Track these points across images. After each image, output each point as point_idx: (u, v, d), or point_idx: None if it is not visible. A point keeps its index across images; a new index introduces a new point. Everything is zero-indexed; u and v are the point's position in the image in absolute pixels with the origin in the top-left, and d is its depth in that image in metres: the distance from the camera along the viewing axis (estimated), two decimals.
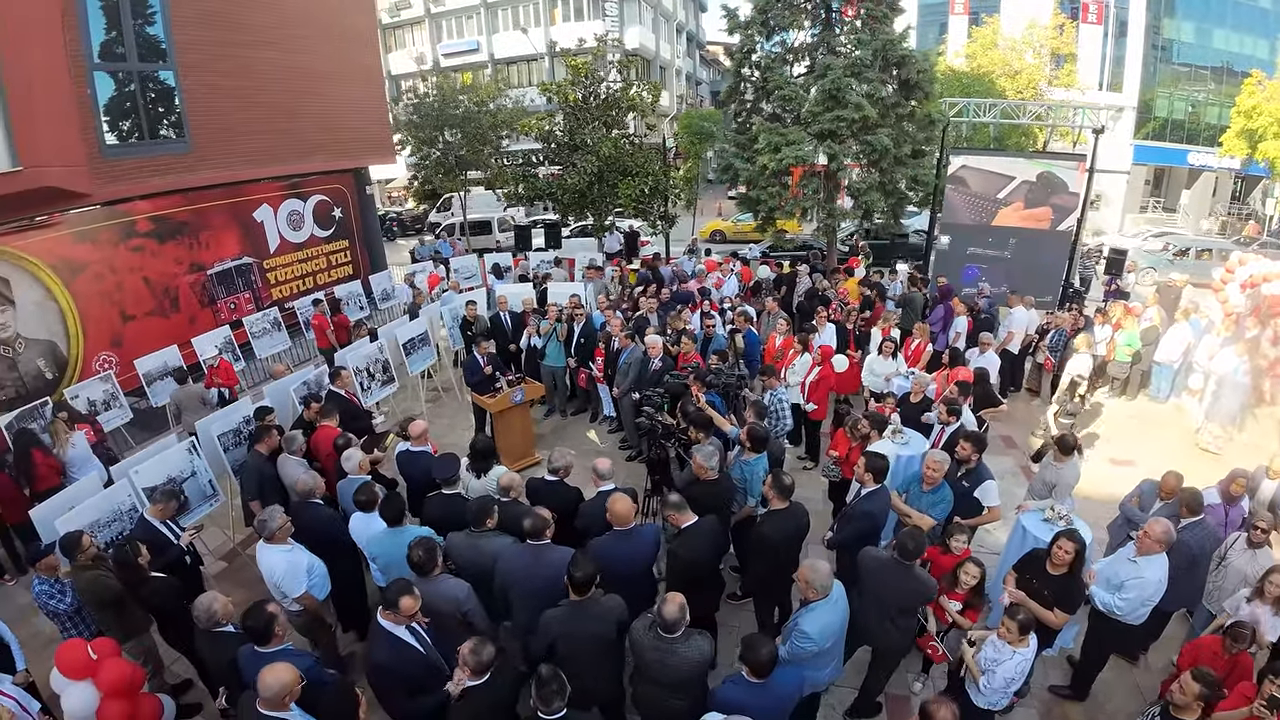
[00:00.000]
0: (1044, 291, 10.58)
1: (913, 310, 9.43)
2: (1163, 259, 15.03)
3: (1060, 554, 3.87)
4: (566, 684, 3.17)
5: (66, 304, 8.94)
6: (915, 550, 3.82)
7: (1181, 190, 28.17)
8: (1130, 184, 25.88)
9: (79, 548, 4.57)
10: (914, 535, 3.92)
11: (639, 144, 13.55)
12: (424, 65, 26.95)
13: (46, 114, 7.05)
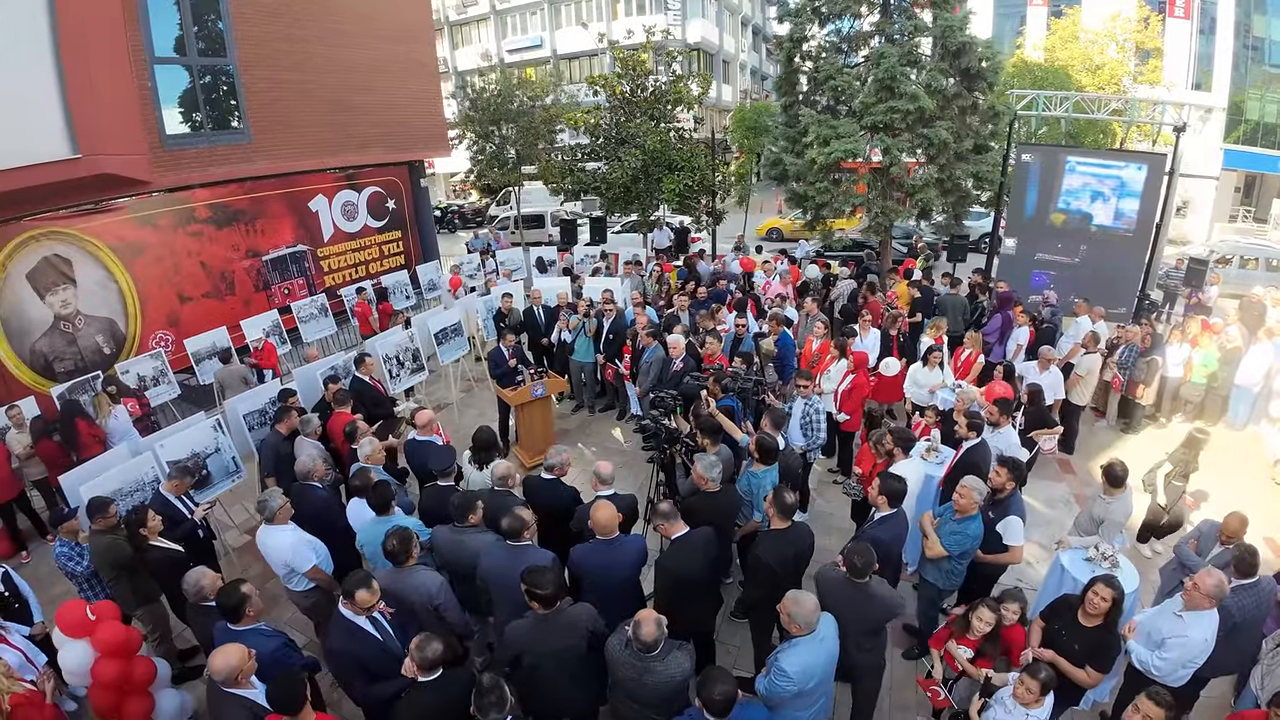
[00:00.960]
0: (1118, 303, 9.58)
1: (955, 316, 8.69)
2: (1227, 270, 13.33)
3: (1095, 601, 3.35)
4: (508, 695, 3.00)
5: (126, 284, 9.50)
6: (863, 567, 3.46)
7: (1273, 199, 25.40)
8: (1219, 190, 23.49)
9: (104, 512, 4.77)
10: (861, 551, 3.53)
11: (688, 138, 13.19)
12: (489, 61, 27.49)
13: (107, 106, 7.43)
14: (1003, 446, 5.27)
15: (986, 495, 4.32)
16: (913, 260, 11.27)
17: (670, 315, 9.31)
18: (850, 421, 6.95)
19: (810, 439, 6.08)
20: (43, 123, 6.67)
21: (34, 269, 8.34)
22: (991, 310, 8.65)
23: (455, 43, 30.02)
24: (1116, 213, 9.83)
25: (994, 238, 10.86)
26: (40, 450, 6.53)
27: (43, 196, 7.46)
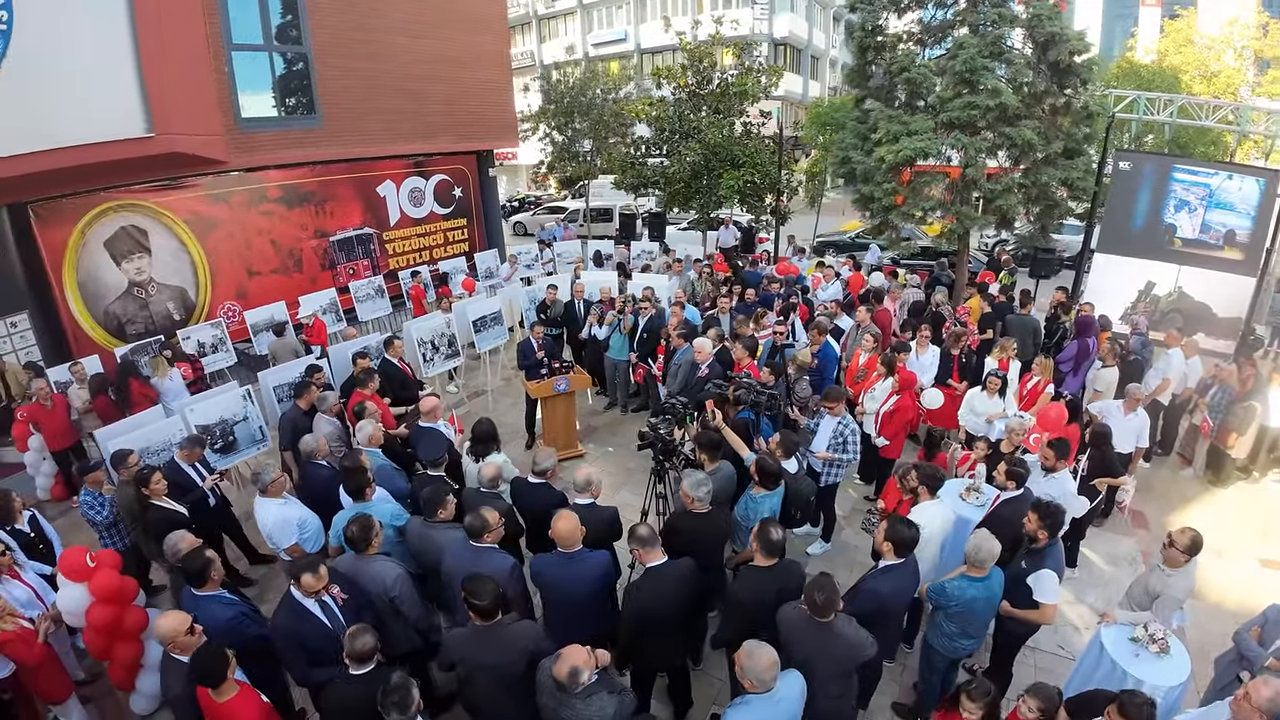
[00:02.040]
0: (1219, 336, 8.26)
1: (1026, 338, 7.74)
2: None
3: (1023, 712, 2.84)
4: (411, 696, 2.84)
5: (198, 256, 10.16)
6: (824, 604, 3.07)
7: None
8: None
9: (124, 464, 5.06)
10: (822, 585, 3.11)
11: (755, 133, 12.62)
12: (573, 55, 27.80)
13: (182, 89, 7.90)
14: (1054, 493, 4.56)
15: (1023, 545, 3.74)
16: (991, 274, 10.20)
17: (710, 317, 8.94)
18: (890, 447, 6.34)
19: (840, 460, 5.56)
20: (120, 103, 7.14)
21: (111, 237, 9.07)
22: (1070, 335, 7.65)
23: (543, 36, 30.59)
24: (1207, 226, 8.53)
25: (1083, 253, 9.65)
26: (96, 405, 7.01)
27: (120, 171, 8.03)
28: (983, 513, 4.70)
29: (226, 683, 3.11)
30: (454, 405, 9.44)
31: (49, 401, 6.64)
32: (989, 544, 3.58)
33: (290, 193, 11.33)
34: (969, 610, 3.68)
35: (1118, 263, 9.12)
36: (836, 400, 5.61)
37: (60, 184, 7.73)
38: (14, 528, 4.67)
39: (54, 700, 4.05)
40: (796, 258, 12.80)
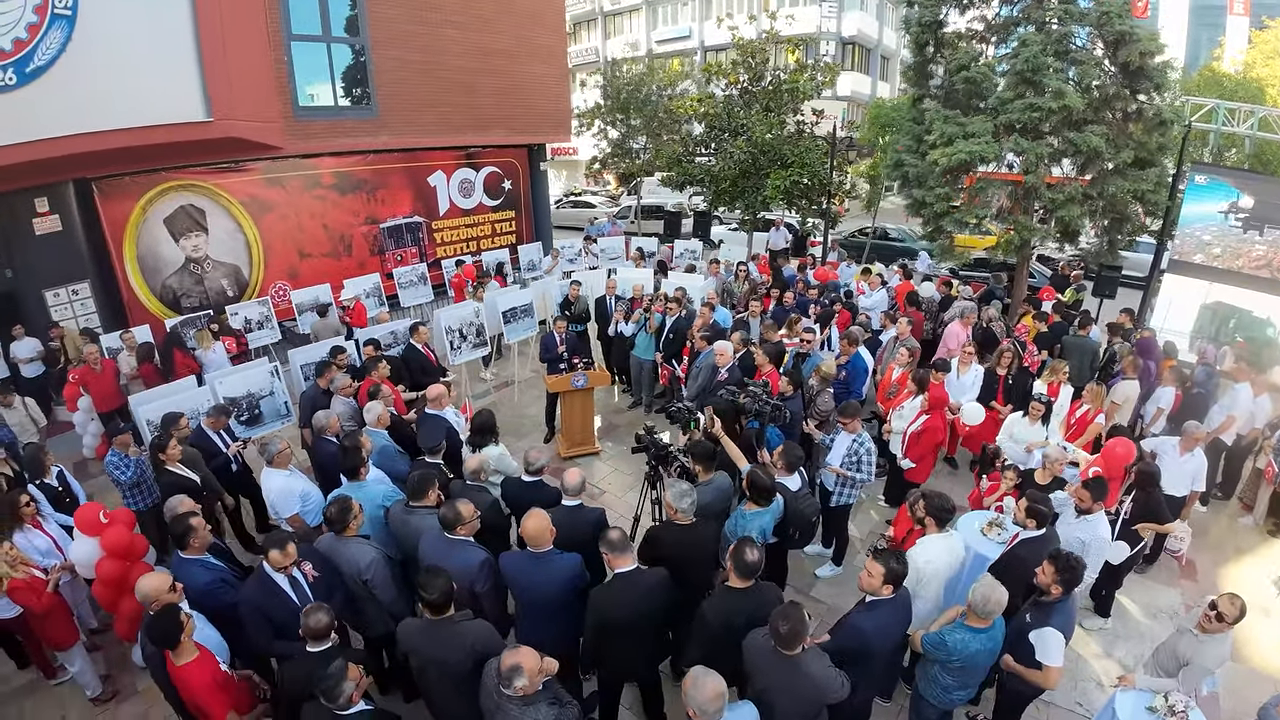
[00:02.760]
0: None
1: (1082, 362, 7.11)
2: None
3: None
4: (341, 689, 2.83)
5: (253, 236, 10.67)
6: (789, 635, 2.83)
7: None
8: None
9: (176, 425, 5.33)
10: (788, 614, 2.88)
11: (809, 132, 12.17)
12: (637, 51, 27.78)
13: (242, 76, 8.28)
14: (1086, 537, 4.13)
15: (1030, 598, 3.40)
16: (1051, 290, 9.43)
17: (739, 320, 8.69)
18: (916, 470, 5.92)
19: (855, 478, 5.24)
20: (180, 88, 7.53)
21: (171, 215, 9.62)
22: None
23: (608, 32, 30.73)
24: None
25: (1152, 273, 8.80)
26: (142, 371, 7.43)
27: (179, 153, 8.50)
28: (1001, 551, 4.30)
29: (183, 646, 3.18)
30: (481, 395, 9.55)
31: (98, 366, 7.08)
32: (997, 593, 3.22)
33: (343, 179, 11.75)
34: (970, 664, 3.36)
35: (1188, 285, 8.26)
36: (852, 416, 5.27)
37: (122, 162, 8.26)
38: (43, 481, 4.97)
39: (57, 647, 4.27)
40: (847, 264, 12.32)
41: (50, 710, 4.30)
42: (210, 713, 3.21)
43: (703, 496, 4.33)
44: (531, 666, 2.82)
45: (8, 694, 4.41)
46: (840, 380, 6.84)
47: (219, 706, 3.20)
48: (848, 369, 6.99)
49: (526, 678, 2.80)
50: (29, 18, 6.11)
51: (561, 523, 4.14)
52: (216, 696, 3.19)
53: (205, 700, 3.18)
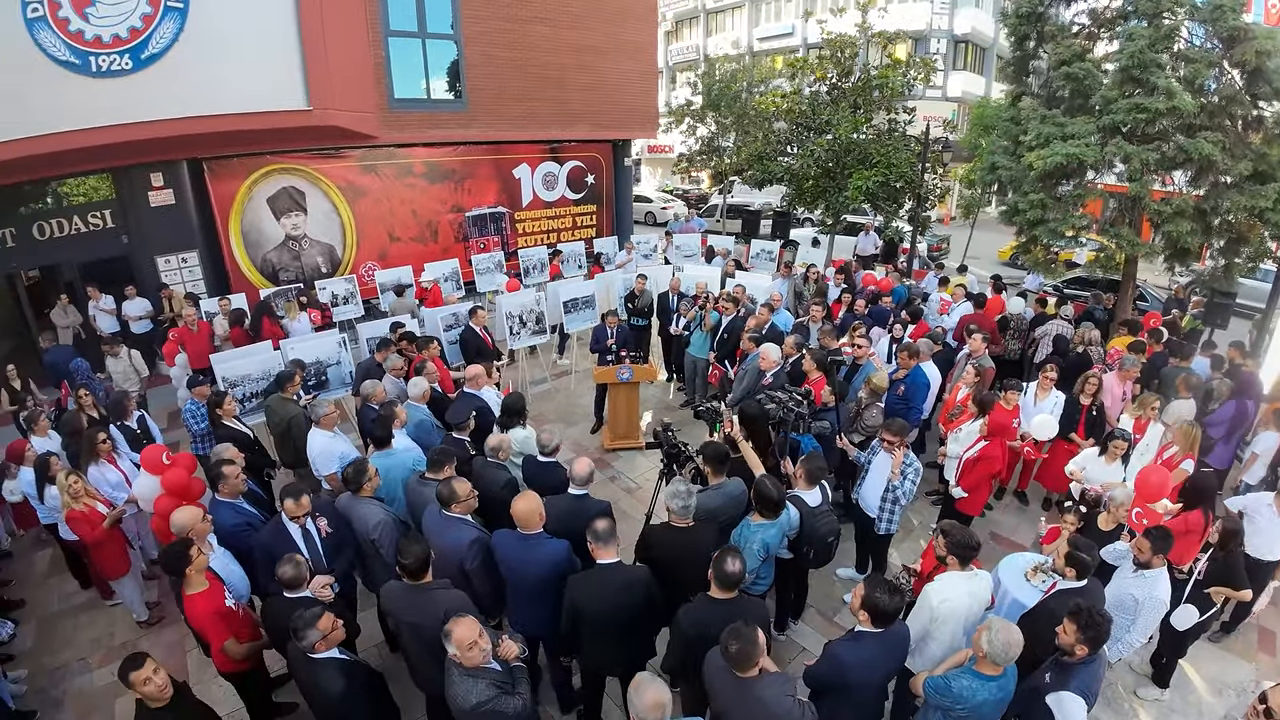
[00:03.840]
0: None
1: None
2: None
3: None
4: (311, 625, 2.99)
5: (348, 218, 11.47)
6: (739, 656, 2.63)
7: None
8: None
9: (291, 380, 5.79)
10: (739, 633, 2.67)
11: (901, 131, 11.38)
12: (738, 49, 27.33)
13: (341, 69, 8.93)
14: (1140, 596, 3.57)
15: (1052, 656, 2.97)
16: (1157, 315, 8.24)
17: (799, 325, 8.32)
18: (969, 501, 5.36)
19: (886, 507, 4.83)
20: (283, 78, 8.21)
21: (274, 195, 10.53)
22: (1227, 396, 5.96)
23: (709, 30, 30.48)
24: None
25: (1271, 303, 7.43)
26: (233, 334, 8.16)
27: (281, 138, 9.28)
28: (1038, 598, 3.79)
29: (191, 578, 3.43)
30: (539, 381, 9.73)
31: (195, 326, 7.86)
32: (1013, 637, 2.83)
33: (433, 169, 12.39)
34: (975, 715, 2.97)
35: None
36: (897, 434, 4.78)
37: (229, 145, 9.14)
38: (124, 423, 5.57)
39: (109, 575, 4.75)
40: (933, 274, 11.46)
41: (101, 627, 4.82)
42: (208, 639, 3.48)
43: (710, 501, 4.17)
44: (462, 637, 2.81)
45: (68, 609, 4.99)
46: (900, 396, 6.34)
47: (216, 635, 3.44)
48: (907, 384, 6.45)
49: (455, 645, 2.80)
50: (143, 8, 6.90)
51: (564, 510, 4.13)
52: (215, 625, 3.43)
53: (204, 627, 3.44)
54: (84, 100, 6.71)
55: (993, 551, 5.81)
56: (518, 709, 2.96)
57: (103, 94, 6.80)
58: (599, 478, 7.22)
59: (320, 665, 3.08)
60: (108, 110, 6.78)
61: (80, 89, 6.73)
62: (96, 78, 6.78)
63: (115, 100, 6.83)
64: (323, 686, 3.05)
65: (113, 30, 6.76)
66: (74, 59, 6.64)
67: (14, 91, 6.38)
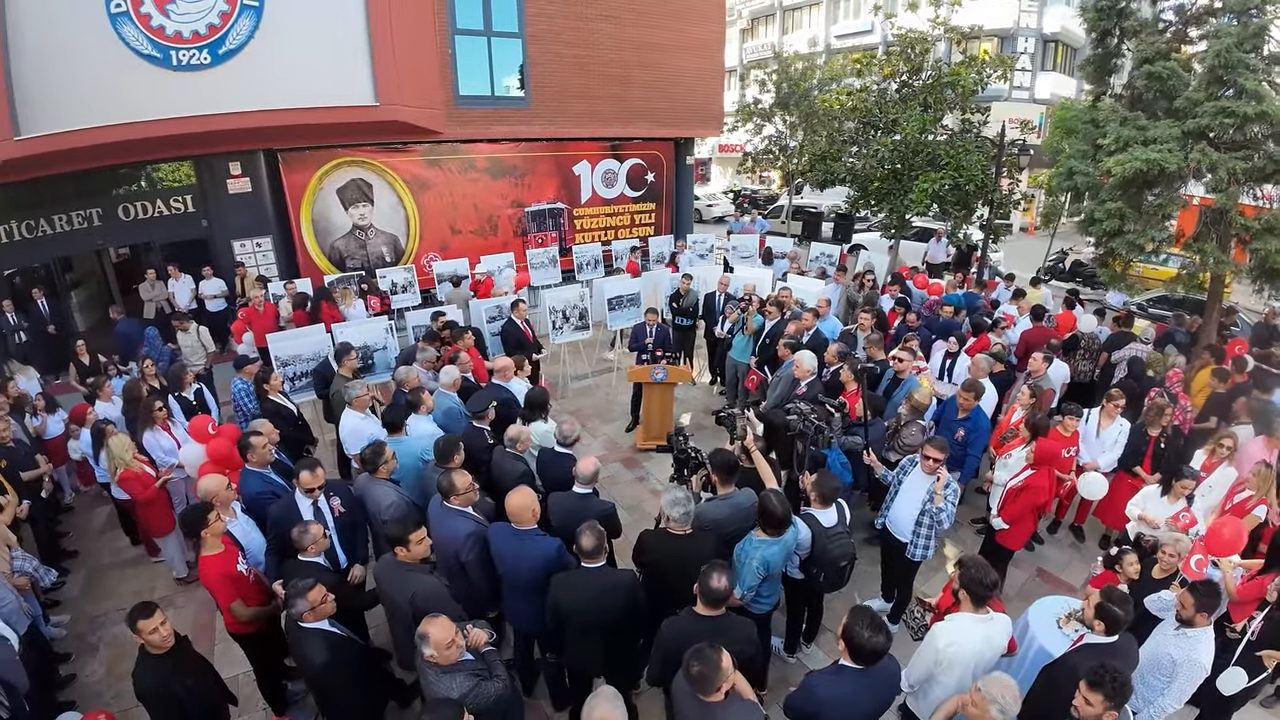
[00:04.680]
0: None
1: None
2: None
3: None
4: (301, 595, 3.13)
5: (412, 210, 11.94)
6: (699, 679, 2.53)
7: None
8: None
9: (348, 355, 6.16)
10: (700, 655, 2.56)
11: (975, 132, 10.65)
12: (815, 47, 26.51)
13: (408, 66, 9.27)
14: (1178, 658, 3.17)
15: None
16: (1243, 343, 7.29)
17: (845, 333, 7.98)
18: (1009, 534, 4.93)
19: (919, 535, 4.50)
20: (352, 75, 8.61)
21: (343, 186, 11.07)
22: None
23: (785, 28, 29.76)
24: None
25: None
26: (295, 316, 8.67)
27: (350, 132, 9.74)
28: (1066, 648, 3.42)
29: (206, 540, 3.64)
30: (581, 377, 9.78)
31: (261, 307, 8.39)
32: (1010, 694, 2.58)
33: (495, 164, 12.70)
34: None
35: None
36: (939, 451, 4.41)
37: (301, 137, 9.69)
38: (180, 395, 6.00)
39: (155, 534, 5.12)
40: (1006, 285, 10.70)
41: (144, 581, 5.21)
42: (216, 599, 3.70)
43: (715, 511, 4.05)
44: (440, 638, 2.82)
45: (116, 562, 5.43)
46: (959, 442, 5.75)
47: (224, 595, 3.65)
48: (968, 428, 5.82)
49: (433, 648, 2.81)
50: (221, 6, 7.42)
51: (567, 508, 4.14)
52: (224, 587, 3.63)
53: (213, 587, 3.66)
54: (164, 92, 7.30)
55: (1037, 589, 5.38)
56: (499, 691, 2.99)
57: (182, 87, 7.38)
58: (628, 476, 7.22)
59: (308, 635, 3.20)
60: (186, 102, 7.35)
61: (161, 81, 7.32)
62: (177, 71, 7.36)
63: (194, 93, 7.40)
64: (308, 656, 3.18)
65: (192, 26, 7.31)
66: (155, 53, 7.22)
67: (98, 82, 6.99)
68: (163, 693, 3.06)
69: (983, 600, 3.24)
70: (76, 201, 8.90)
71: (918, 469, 4.57)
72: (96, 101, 6.90)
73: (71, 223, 8.90)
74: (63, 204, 8.79)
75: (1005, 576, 5.18)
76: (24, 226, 8.68)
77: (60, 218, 8.73)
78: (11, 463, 4.79)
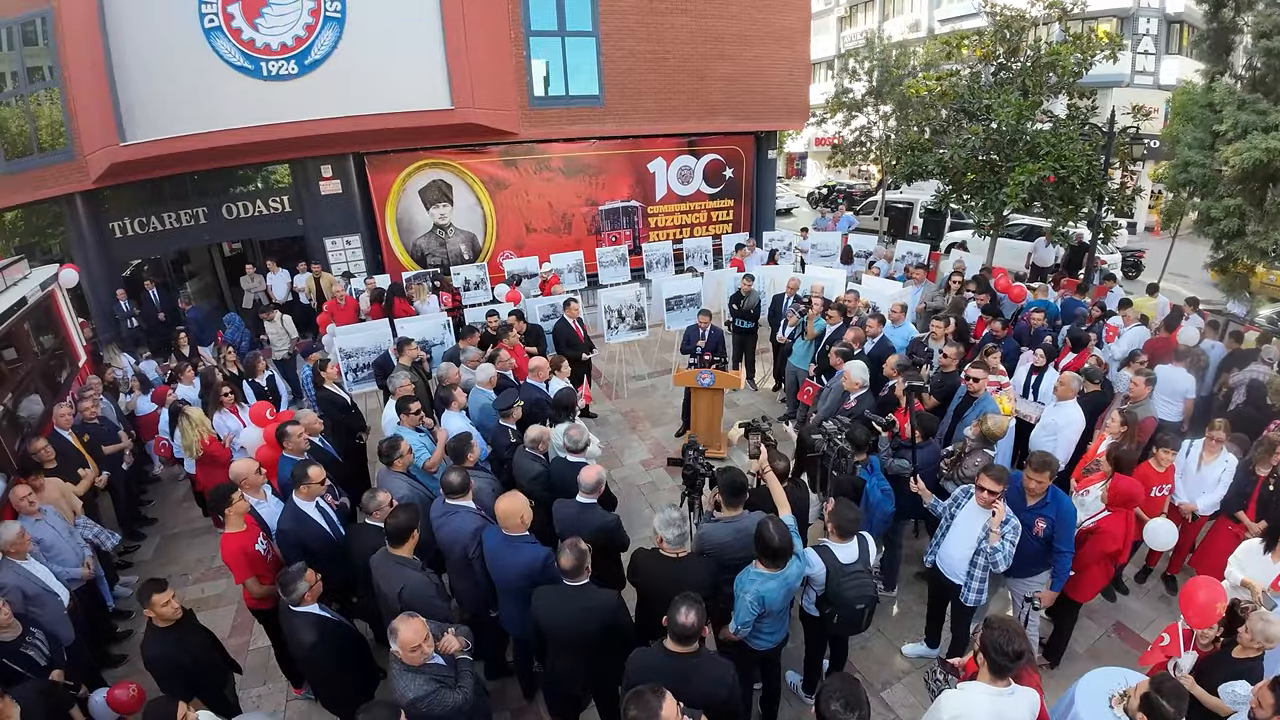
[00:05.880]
0: None
1: None
2: None
3: None
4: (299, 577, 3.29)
5: (489, 210, 12.37)
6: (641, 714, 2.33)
7: None
8: None
9: (409, 345, 6.59)
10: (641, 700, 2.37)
11: (1081, 118, 9.37)
12: (917, 32, 24.66)
13: (482, 71, 9.60)
14: None
15: None
16: None
17: (915, 342, 7.34)
18: (1076, 583, 4.22)
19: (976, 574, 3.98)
20: (429, 81, 9.01)
21: (424, 187, 11.64)
22: None
23: (885, 13, 27.88)
24: None
25: None
26: (372, 310, 9.22)
27: (428, 135, 10.20)
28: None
29: (230, 519, 3.93)
30: (638, 378, 9.69)
31: (343, 301, 9.00)
32: None
33: (570, 163, 12.87)
34: None
35: None
36: (995, 483, 3.81)
37: (383, 141, 10.28)
38: (253, 380, 6.52)
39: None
40: (1113, 289, 9.40)
41: (208, 549, 5.73)
42: (233, 573, 3.98)
43: (718, 534, 3.78)
44: (407, 639, 2.85)
45: (187, 531, 6.01)
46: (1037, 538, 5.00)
47: (238, 571, 3.93)
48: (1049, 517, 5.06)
49: (399, 646, 2.83)
50: (306, 19, 8.00)
51: (567, 518, 4.07)
52: (239, 563, 3.90)
53: (230, 562, 3.94)
54: (256, 100, 8.02)
55: (1112, 648, 4.66)
56: (457, 703, 2.98)
57: (272, 95, 8.08)
58: (670, 484, 7.02)
59: (299, 617, 3.35)
60: (276, 109, 8.04)
61: (253, 90, 8.04)
62: (267, 81, 8.05)
63: (283, 101, 8.07)
64: (297, 637, 3.34)
65: (280, 39, 7.97)
66: (247, 64, 7.95)
67: (195, 92, 7.78)
68: (168, 662, 3.31)
69: (1003, 671, 2.75)
70: (187, 200, 9.99)
71: (972, 501, 4.00)
72: (194, 109, 7.70)
73: (181, 220, 10.03)
74: (175, 202, 9.91)
75: (1070, 634, 4.51)
76: (136, 223, 9.87)
77: (171, 215, 9.86)
78: (95, 438, 5.43)
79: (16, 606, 3.55)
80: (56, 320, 6.58)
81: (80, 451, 5.23)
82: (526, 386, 6.02)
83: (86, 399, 5.62)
